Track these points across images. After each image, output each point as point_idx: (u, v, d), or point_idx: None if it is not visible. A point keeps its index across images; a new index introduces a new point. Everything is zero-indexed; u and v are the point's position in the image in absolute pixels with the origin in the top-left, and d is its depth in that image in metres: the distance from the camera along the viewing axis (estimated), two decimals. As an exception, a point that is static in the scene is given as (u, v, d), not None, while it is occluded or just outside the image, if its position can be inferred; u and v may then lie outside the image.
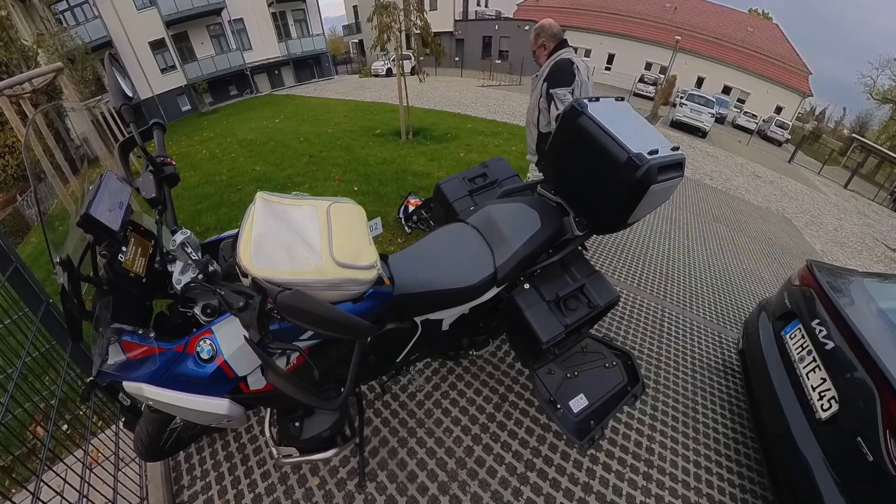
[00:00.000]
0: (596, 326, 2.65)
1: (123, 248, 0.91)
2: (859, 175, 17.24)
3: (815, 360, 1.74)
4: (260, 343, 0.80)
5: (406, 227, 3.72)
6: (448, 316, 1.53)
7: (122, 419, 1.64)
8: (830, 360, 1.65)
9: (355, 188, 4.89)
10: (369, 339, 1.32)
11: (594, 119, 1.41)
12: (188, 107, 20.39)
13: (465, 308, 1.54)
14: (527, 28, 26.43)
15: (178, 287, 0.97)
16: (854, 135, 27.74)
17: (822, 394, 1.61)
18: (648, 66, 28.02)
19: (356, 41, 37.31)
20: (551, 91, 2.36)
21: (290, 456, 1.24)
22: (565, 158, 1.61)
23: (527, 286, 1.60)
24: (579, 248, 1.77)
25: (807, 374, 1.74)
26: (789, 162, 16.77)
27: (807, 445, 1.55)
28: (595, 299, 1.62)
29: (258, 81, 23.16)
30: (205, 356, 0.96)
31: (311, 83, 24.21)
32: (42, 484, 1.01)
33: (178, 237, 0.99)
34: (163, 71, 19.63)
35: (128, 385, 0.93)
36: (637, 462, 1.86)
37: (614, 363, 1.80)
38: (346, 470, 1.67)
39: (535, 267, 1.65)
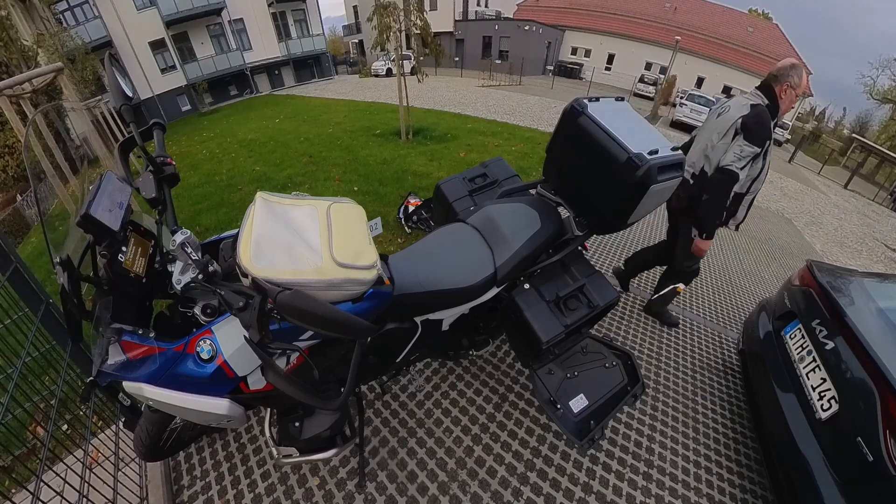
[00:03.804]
0: (596, 326, 2.65)
1: (123, 248, 0.91)
2: (859, 175, 17.23)
3: (815, 360, 1.74)
4: (260, 343, 0.80)
5: (406, 227, 3.73)
6: (448, 316, 1.53)
7: (122, 419, 1.64)
8: (830, 360, 1.65)
9: (355, 188, 4.89)
10: (369, 339, 1.32)
11: (594, 119, 1.41)
12: (188, 107, 20.38)
13: (465, 308, 1.54)
14: (527, 28, 26.48)
15: (178, 287, 0.97)
16: (854, 135, 27.75)
17: (822, 394, 1.61)
18: (648, 66, 28.08)
19: (356, 41, 37.33)
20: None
21: (290, 456, 1.24)
22: (565, 158, 1.61)
23: (527, 286, 1.60)
24: (579, 248, 1.77)
25: (807, 374, 1.74)
26: (789, 162, 16.78)
27: (807, 445, 1.55)
28: (595, 299, 1.62)
29: (258, 81, 23.16)
30: (205, 356, 0.96)
31: (311, 83, 24.21)
32: (42, 484, 1.01)
33: (178, 237, 0.99)
34: (163, 71, 19.61)
35: (128, 385, 0.93)
36: (637, 462, 1.86)
37: (614, 363, 1.80)
38: (346, 470, 1.67)
39: (535, 267, 1.65)
